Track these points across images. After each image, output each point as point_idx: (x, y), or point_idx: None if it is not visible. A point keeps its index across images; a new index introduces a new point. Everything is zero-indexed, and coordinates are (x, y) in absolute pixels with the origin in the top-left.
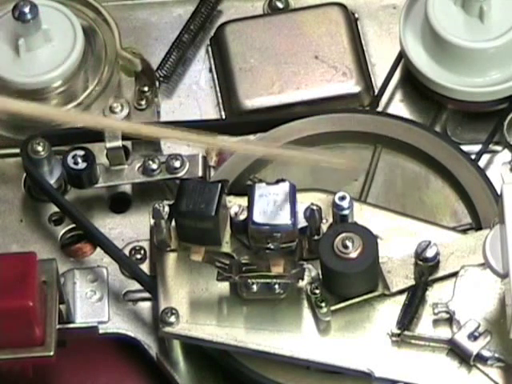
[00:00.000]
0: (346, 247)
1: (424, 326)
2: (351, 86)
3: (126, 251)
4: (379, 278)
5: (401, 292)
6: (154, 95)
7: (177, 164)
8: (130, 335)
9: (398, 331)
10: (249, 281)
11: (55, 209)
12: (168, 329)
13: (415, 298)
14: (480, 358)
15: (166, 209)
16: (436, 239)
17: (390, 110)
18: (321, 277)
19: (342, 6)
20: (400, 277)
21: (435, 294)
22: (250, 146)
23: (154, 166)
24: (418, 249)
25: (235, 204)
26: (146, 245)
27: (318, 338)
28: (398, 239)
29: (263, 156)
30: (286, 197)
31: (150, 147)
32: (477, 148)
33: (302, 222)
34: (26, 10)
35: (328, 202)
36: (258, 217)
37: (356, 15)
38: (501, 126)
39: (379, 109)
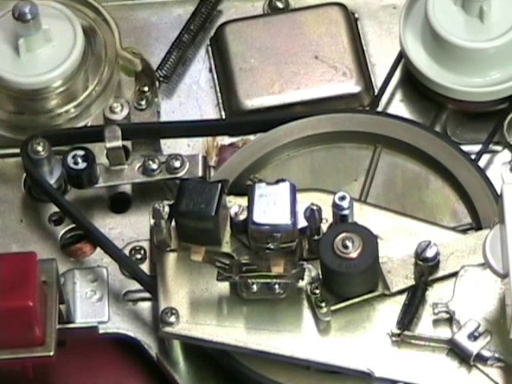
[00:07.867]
0: (345, 247)
1: (424, 326)
2: (351, 85)
3: (126, 251)
4: (379, 277)
5: (401, 292)
6: (154, 95)
7: (177, 164)
8: (130, 335)
9: (398, 331)
10: (249, 281)
11: (55, 209)
12: (168, 329)
13: (415, 298)
14: (480, 358)
15: (166, 209)
16: (436, 239)
17: (390, 110)
18: (321, 277)
19: (342, 6)
20: (400, 277)
21: (435, 293)
22: None
23: (154, 166)
24: (418, 249)
25: (235, 204)
26: (146, 245)
27: (317, 338)
28: (398, 239)
29: None
30: (286, 197)
31: (150, 147)
32: (477, 148)
33: (301, 222)
34: (26, 10)
35: (328, 202)
36: (258, 217)
37: (356, 15)
38: (501, 126)
39: (379, 109)
